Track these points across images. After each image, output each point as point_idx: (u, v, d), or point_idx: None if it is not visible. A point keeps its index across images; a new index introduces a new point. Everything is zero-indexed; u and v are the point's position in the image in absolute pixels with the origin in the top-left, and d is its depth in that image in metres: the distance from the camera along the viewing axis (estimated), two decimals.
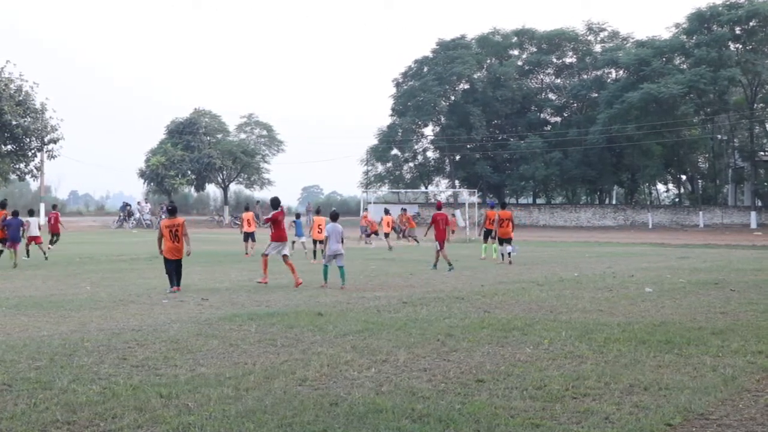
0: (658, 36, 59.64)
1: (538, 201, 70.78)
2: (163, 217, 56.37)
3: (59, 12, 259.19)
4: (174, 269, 13.50)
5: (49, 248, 23.51)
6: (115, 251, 26.44)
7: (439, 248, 18.90)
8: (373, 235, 32.49)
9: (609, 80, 63.57)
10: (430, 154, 69.31)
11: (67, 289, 13.67)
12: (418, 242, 31.43)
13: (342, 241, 14.78)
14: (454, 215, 52.49)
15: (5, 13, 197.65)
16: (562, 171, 60.66)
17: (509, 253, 21.23)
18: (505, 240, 21.50)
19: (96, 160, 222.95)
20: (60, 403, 5.66)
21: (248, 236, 24.65)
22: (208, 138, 66.38)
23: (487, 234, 22.69)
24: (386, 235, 30.16)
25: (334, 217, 15.28)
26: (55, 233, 26.28)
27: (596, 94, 62.69)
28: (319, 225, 21.88)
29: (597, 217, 60.87)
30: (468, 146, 64.63)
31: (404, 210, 36.51)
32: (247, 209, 26.79)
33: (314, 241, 22.85)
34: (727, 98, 57.51)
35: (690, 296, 12.62)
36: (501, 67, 64.87)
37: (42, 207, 53.61)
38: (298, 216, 25.33)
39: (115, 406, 5.58)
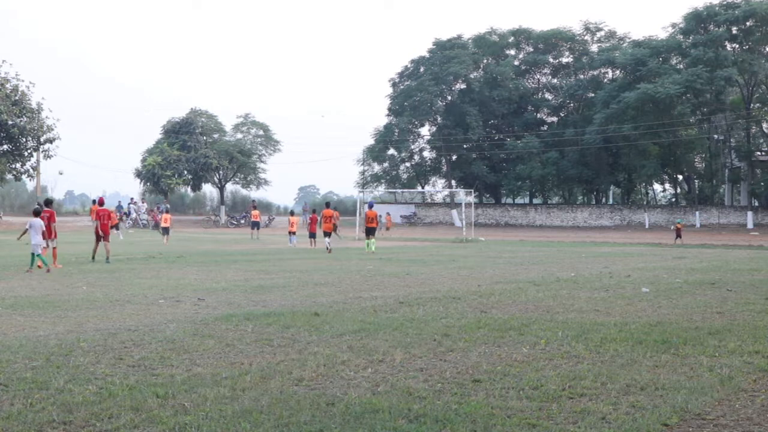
0: (654, 36, 59.82)
1: (535, 201, 70.87)
2: (159, 216, 56.66)
3: (58, 12, 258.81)
4: None
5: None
6: (112, 251, 26.32)
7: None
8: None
9: (606, 80, 63.70)
10: (426, 154, 69.40)
11: (63, 289, 13.63)
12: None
13: (42, 235, 17.43)
14: (389, 213, 57.37)
15: (4, 12, 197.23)
16: (558, 171, 60.71)
17: (329, 244, 26.37)
18: (328, 233, 26.79)
19: (93, 159, 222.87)
20: (56, 403, 5.64)
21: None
22: (205, 138, 66.36)
23: (369, 231, 26.15)
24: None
25: (36, 213, 18.13)
26: None
27: (593, 94, 62.79)
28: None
29: (594, 217, 60.93)
30: (464, 146, 64.67)
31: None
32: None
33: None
34: (723, 98, 57.67)
35: (687, 296, 12.63)
36: (498, 66, 64.91)
37: None
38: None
39: (112, 406, 5.57)
